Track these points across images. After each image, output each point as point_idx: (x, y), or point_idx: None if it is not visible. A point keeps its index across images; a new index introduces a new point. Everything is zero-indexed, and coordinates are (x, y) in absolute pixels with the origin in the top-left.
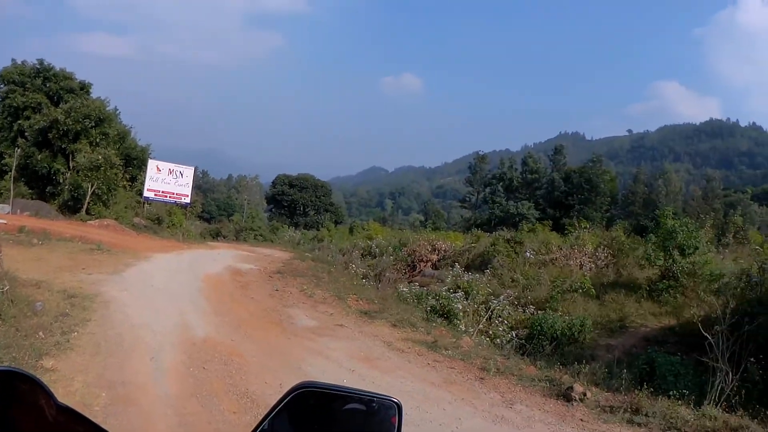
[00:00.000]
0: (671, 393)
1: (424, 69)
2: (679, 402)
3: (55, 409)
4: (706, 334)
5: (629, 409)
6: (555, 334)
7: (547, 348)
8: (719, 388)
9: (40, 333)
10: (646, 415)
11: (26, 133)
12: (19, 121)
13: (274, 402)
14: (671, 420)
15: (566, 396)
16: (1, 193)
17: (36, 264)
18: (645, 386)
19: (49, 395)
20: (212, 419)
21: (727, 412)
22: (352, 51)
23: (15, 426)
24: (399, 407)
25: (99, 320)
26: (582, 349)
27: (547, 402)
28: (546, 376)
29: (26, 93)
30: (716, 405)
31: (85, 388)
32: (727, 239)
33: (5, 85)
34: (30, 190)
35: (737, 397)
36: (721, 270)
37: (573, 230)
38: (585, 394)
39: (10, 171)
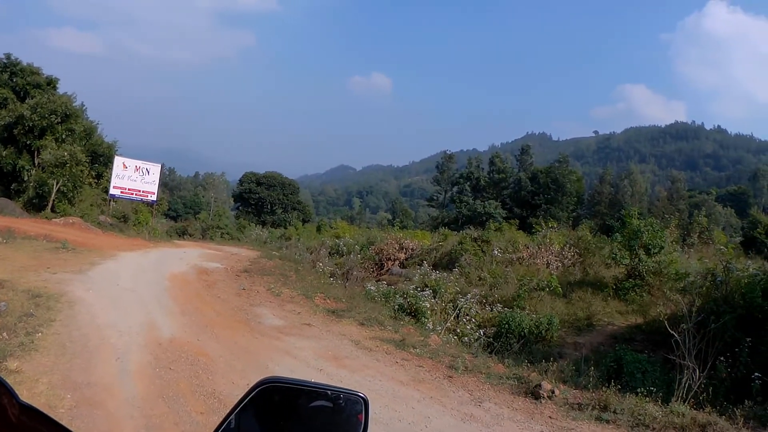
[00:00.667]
0: (639, 390)
1: (394, 69)
2: (647, 399)
3: (18, 409)
4: (672, 332)
5: (597, 406)
6: (522, 333)
7: (514, 346)
8: (686, 385)
9: (4, 334)
10: (614, 411)
11: None
12: None
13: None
14: (639, 417)
15: (534, 394)
16: None
17: (0, 263)
18: (613, 383)
19: (11, 394)
20: (179, 420)
21: (694, 408)
22: (321, 50)
23: None
24: (366, 402)
25: (64, 320)
26: (550, 347)
27: (516, 400)
28: (514, 374)
29: None
30: (684, 402)
31: (50, 390)
32: (692, 239)
33: None
34: None
35: (705, 394)
36: (686, 269)
37: (540, 229)
38: (553, 392)
39: None
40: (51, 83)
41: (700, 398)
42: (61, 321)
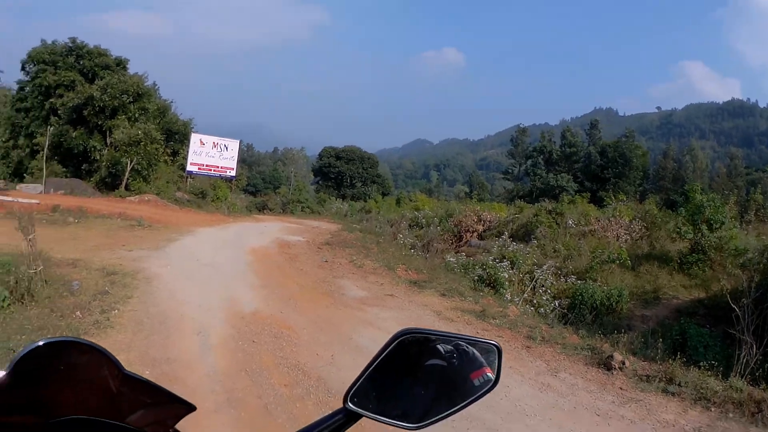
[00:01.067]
0: (701, 364)
1: (467, 44)
2: (709, 373)
3: (121, 379)
4: (734, 306)
5: (664, 379)
6: (595, 304)
7: (587, 317)
8: (744, 360)
9: (78, 312)
10: (679, 384)
11: (59, 112)
12: (51, 100)
13: (323, 373)
14: (702, 390)
15: (606, 365)
16: (33, 173)
17: (72, 243)
18: (678, 356)
19: (114, 364)
20: (262, 394)
21: (750, 384)
22: (395, 25)
23: (77, 399)
24: (499, 351)
25: (141, 297)
26: (619, 319)
27: (589, 370)
28: (588, 345)
29: (57, 71)
30: (741, 377)
31: (128, 367)
32: (749, 216)
33: (35, 65)
34: (64, 169)
35: (761, 370)
36: (745, 245)
37: (610, 202)
38: (624, 363)
39: (43, 150)
40: (120, 64)
41: (756, 374)
42: (137, 298)
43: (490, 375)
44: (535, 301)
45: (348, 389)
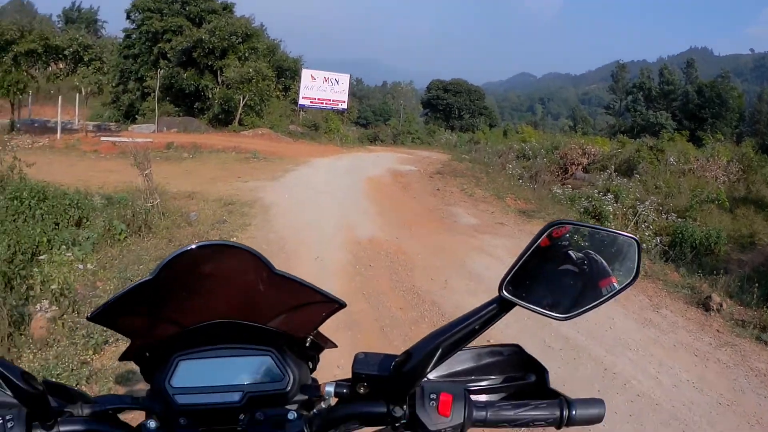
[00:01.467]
0: None
1: None
2: None
3: (271, 280)
4: None
5: (758, 326)
6: (694, 244)
7: (687, 256)
8: None
9: (196, 241)
10: None
11: (168, 55)
12: (159, 45)
13: (437, 298)
14: None
15: (705, 305)
16: (145, 114)
17: (187, 177)
18: None
19: (266, 265)
20: (378, 316)
21: None
22: None
23: (223, 303)
24: (638, 245)
25: (259, 225)
26: (717, 261)
27: (689, 309)
28: (687, 284)
29: (164, 18)
30: None
31: None
32: None
33: (140, 13)
34: (176, 108)
35: None
36: None
37: (708, 142)
38: (721, 305)
39: (154, 92)
40: (227, 8)
41: None
42: (255, 225)
43: (616, 285)
44: (637, 236)
45: (502, 278)
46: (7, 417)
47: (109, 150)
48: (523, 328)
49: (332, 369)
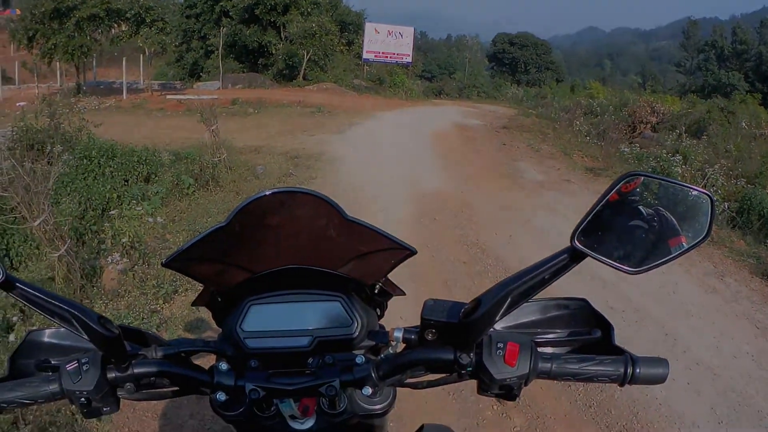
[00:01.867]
0: None
1: None
2: None
3: (343, 226)
4: None
5: None
6: (763, 212)
7: (755, 224)
8: None
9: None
10: None
11: (230, 13)
12: (221, 3)
13: (501, 252)
14: None
15: None
16: (210, 71)
17: (253, 131)
18: None
19: (338, 211)
20: (442, 270)
21: None
22: None
23: (295, 249)
24: (712, 201)
25: (325, 177)
26: None
27: (753, 279)
28: (754, 253)
29: None
30: None
31: None
32: None
33: None
34: (240, 65)
35: None
36: None
37: None
38: None
39: (217, 49)
40: None
41: None
42: (322, 178)
43: (685, 243)
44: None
45: (574, 229)
46: (83, 360)
47: (175, 108)
48: (586, 287)
49: (395, 320)
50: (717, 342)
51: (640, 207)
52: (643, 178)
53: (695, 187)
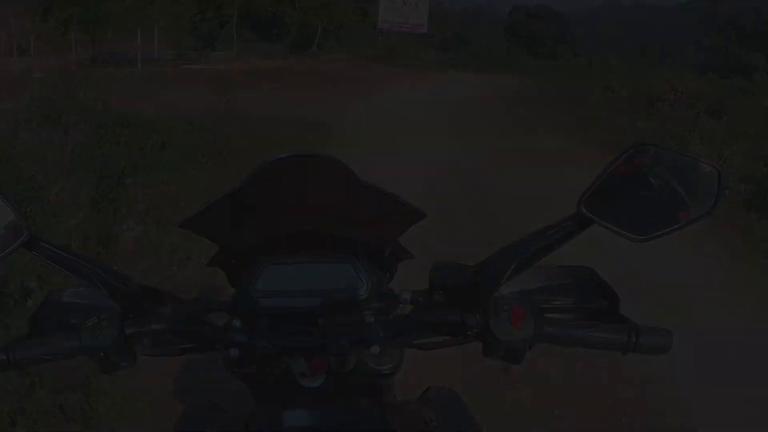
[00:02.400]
0: None
1: None
2: None
3: (357, 189)
4: None
5: None
6: None
7: None
8: None
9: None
10: None
11: None
12: None
13: (516, 226)
14: None
15: None
16: (224, 41)
17: (267, 101)
18: None
19: (352, 175)
20: (453, 241)
21: None
22: None
23: (309, 212)
24: (719, 174)
25: (339, 145)
26: None
27: (766, 263)
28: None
29: None
30: None
31: None
32: None
33: None
34: (254, 35)
35: None
36: None
37: None
38: None
39: (232, 19)
40: None
41: None
42: (335, 146)
43: (692, 214)
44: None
45: (581, 195)
46: (102, 316)
47: (189, 78)
48: (592, 259)
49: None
50: (725, 326)
51: (649, 177)
52: (653, 149)
53: (704, 160)
